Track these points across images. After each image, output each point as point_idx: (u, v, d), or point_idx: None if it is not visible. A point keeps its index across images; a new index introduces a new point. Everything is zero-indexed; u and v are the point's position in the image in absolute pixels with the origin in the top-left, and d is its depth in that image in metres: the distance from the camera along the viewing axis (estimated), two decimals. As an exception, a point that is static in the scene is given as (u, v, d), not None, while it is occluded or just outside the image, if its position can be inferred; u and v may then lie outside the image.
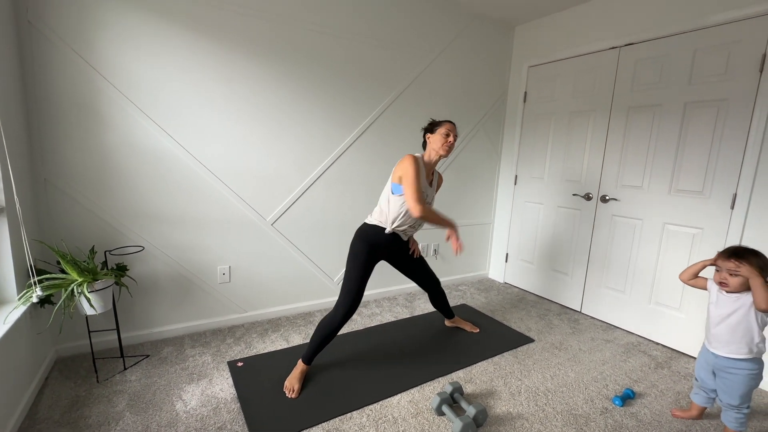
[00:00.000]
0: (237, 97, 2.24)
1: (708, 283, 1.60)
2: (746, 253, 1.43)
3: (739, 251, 1.45)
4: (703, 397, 1.64)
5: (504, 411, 1.71)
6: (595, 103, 2.72)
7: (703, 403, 1.65)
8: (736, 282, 1.43)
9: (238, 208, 2.35)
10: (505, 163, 3.48)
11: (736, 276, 1.42)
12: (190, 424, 1.54)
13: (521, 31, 3.25)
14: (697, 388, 1.67)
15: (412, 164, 1.77)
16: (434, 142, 1.90)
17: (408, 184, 1.75)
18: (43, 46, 1.77)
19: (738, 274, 1.42)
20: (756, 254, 1.43)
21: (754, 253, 1.43)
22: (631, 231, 2.55)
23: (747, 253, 1.43)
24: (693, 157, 2.22)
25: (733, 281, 1.44)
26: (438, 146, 1.89)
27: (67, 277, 1.68)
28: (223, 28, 2.14)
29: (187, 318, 2.30)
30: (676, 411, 1.73)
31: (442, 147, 1.89)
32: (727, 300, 1.49)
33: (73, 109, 1.87)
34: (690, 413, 1.69)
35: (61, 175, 1.89)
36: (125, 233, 2.06)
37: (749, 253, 1.43)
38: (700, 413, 1.69)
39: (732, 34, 2.05)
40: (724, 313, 1.50)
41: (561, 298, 3.04)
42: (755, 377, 1.47)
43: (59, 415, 1.56)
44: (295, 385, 1.79)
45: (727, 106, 2.08)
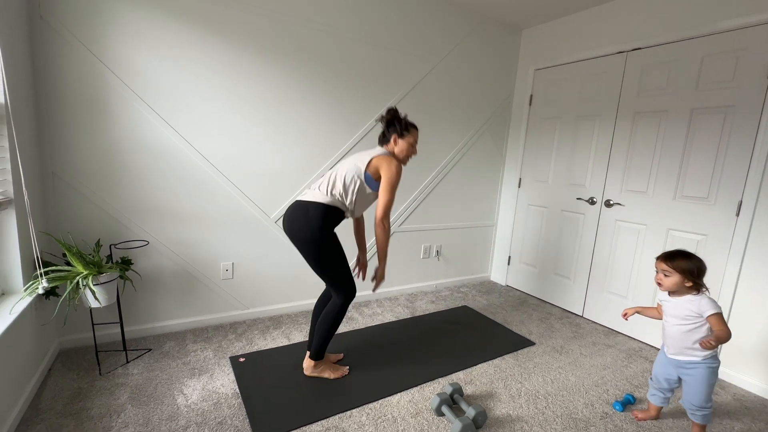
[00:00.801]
0: (242, 95, 2.25)
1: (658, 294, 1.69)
2: (678, 257, 1.53)
3: (672, 254, 1.55)
4: (659, 398, 1.69)
5: (503, 413, 1.71)
6: (601, 107, 2.71)
7: (659, 404, 1.70)
8: (669, 282, 1.53)
9: (242, 205, 2.36)
10: (509, 166, 3.48)
11: (669, 276, 1.53)
12: (191, 418, 1.55)
13: (528, 34, 3.25)
14: (654, 389, 1.71)
15: (397, 173, 1.70)
16: (401, 148, 1.81)
17: (388, 192, 1.68)
18: (54, 41, 1.79)
19: (669, 276, 1.52)
20: (688, 257, 1.52)
21: (686, 255, 1.52)
22: (635, 236, 2.54)
23: (678, 257, 1.52)
24: (699, 163, 2.22)
25: (666, 281, 1.54)
26: (404, 154, 1.83)
27: (73, 270, 1.70)
28: (230, 26, 2.15)
29: (189, 313, 2.32)
30: (637, 413, 1.75)
31: (406, 157, 1.84)
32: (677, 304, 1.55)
33: (82, 104, 1.89)
34: (649, 414, 1.73)
35: (69, 168, 1.91)
36: (130, 227, 2.08)
37: (681, 256, 1.53)
38: (658, 412, 1.73)
39: (740, 41, 2.04)
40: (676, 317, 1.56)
41: (563, 302, 3.03)
42: (714, 371, 1.53)
43: (62, 406, 1.58)
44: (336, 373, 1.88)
45: (734, 112, 2.07)
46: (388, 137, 1.82)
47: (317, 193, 1.72)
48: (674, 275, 1.51)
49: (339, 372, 1.90)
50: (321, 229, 1.68)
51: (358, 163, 1.74)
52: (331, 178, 1.75)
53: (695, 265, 1.50)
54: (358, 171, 1.72)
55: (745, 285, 2.04)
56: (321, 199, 1.70)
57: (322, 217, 1.68)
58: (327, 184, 1.74)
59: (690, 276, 1.49)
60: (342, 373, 1.90)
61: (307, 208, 1.69)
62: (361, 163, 1.73)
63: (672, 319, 1.57)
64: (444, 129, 3.06)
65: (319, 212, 1.68)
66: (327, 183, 1.74)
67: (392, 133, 1.81)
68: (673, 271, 1.51)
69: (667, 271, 1.53)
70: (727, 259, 2.10)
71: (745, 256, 2.03)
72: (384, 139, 1.85)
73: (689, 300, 1.51)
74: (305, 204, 1.71)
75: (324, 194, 1.71)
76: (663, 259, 1.56)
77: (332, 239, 1.74)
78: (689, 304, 1.51)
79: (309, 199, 1.71)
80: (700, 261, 1.51)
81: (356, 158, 1.77)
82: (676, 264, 1.51)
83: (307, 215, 1.68)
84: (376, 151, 1.78)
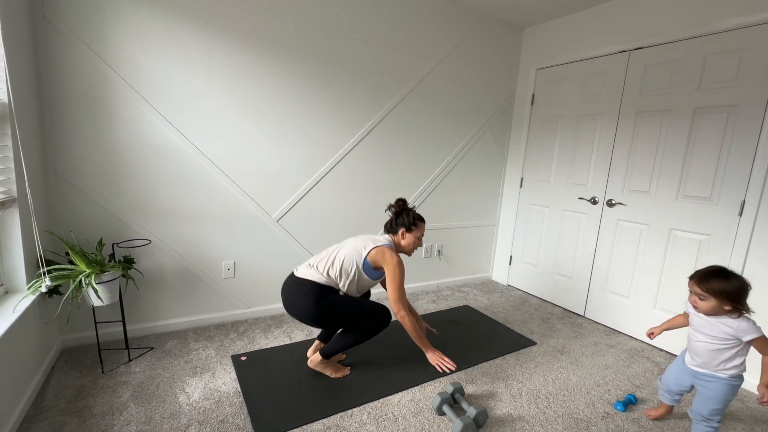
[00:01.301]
0: (244, 94, 2.25)
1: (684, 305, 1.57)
2: (713, 278, 1.35)
3: (706, 274, 1.37)
4: (668, 398, 1.67)
5: (505, 413, 1.71)
6: (603, 106, 2.71)
7: (669, 403, 1.68)
8: (705, 306, 1.38)
9: (244, 204, 2.37)
10: (510, 166, 3.47)
11: (705, 300, 1.37)
12: (193, 417, 1.56)
13: (530, 34, 3.24)
14: (663, 390, 1.70)
15: (399, 267, 1.76)
16: (408, 242, 1.91)
17: (396, 286, 1.76)
18: (57, 41, 1.80)
19: (705, 299, 1.37)
20: (725, 277, 1.33)
21: (723, 275, 1.34)
22: (637, 236, 2.53)
23: (714, 278, 1.35)
24: (701, 163, 2.21)
25: (702, 305, 1.39)
26: (410, 248, 1.92)
27: (76, 268, 1.71)
28: (232, 26, 2.15)
29: (191, 312, 2.33)
30: (650, 411, 1.75)
31: (412, 250, 1.93)
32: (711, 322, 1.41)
33: (85, 103, 1.90)
34: (660, 411, 1.72)
35: (72, 168, 1.92)
36: (133, 226, 2.08)
37: (717, 276, 1.34)
38: (670, 410, 1.72)
39: (743, 40, 2.03)
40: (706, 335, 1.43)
41: (564, 302, 3.02)
42: (734, 389, 1.42)
43: (65, 404, 1.59)
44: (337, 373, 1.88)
45: (737, 112, 2.06)
46: (396, 229, 1.91)
47: (313, 271, 1.78)
48: (710, 299, 1.34)
49: (340, 372, 1.90)
50: (315, 303, 1.72)
51: (360, 249, 1.80)
52: (330, 258, 1.81)
53: (734, 286, 1.31)
54: (359, 257, 1.78)
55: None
56: (316, 278, 1.76)
57: (316, 294, 1.73)
58: (325, 264, 1.80)
59: (729, 300, 1.31)
60: (343, 373, 1.91)
61: (301, 286, 1.76)
62: (363, 250, 1.79)
63: (700, 335, 1.43)
64: (445, 129, 3.06)
65: (313, 291, 1.74)
66: (325, 263, 1.80)
67: (401, 226, 1.89)
68: (708, 295, 1.34)
69: (702, 294, 1.36)
70: (730, 260, 2.09)
71: (748, 257, 2.02)
72: (391, 229, 1.93)
73: (726, 322, 1.35)
74: (300, 281, 1.78)
75: (320, 273, 1.77)
76: (696, 281, 1.38)
77: (332, 302, 1.76)
78: (725, 327, 1.35)
79: (304, 277, 1.78)
80: (740, 281, 1.32)
81: (358, 243, 1.83)
82: (712, 287, 1.33)
83: (300, 292, 1.75)
84: (379, 241, 1.84)
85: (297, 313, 1.78)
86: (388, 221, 1.97)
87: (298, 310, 1.76)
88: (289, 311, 1.80)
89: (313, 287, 1.74)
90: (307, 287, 1.75)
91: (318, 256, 1.87)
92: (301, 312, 1.75)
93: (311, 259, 1.88)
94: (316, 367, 1.88)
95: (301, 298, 1.74)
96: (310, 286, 1.74)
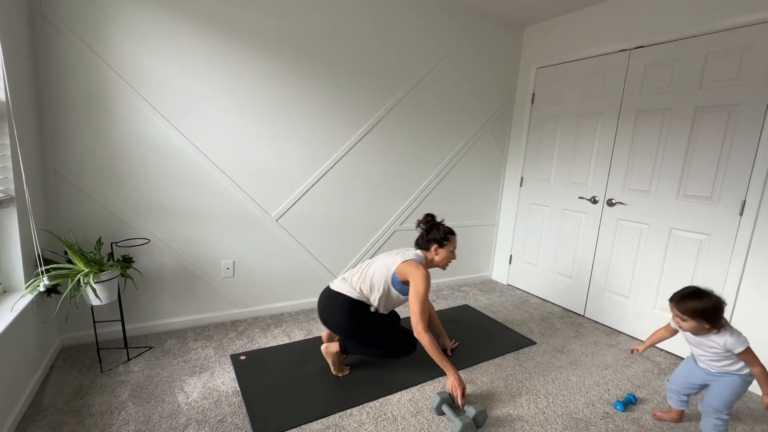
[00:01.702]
0: (243, 93, 2.25)
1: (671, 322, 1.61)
2: (688, 299, 1.42)
3: (682, 297, 1.44)
4: (676, 401, 1.66)
5: (504, 412, 1.70)
6: (603, 106, 2.70)
7: (678, 406, 1.67)
8: (687, 326, 1.45)
9: (243, 204, 2.36)
10: (511, 165, 3.46)
11: (686, 321, 1.44)
12: (192, 416, 1.56)
13: (530, 33, 3.23)
14: (671, 393, 1.68)
15: (424, 280, 1.73)
16: (441, 257, 1.92)
17: (419, 299, 1.71)
18: (56, 39, 1.80)
19: (686, 320, 1.44)
20: (698, 296, 1.40)
21: (696, 295, 1.41)
22: (637, 235, 2.53)
23: (689, 299, 1.42)
24: (702, 162, 2.20)
25: (685, 325, 1.45)
26: (444, 262, 1.94)
27: (74, 268, 1.70)
28: (231, 25, 2.15)
29: (190, 311, 2.32)
30: (657, 412, 1.74)
31: (446, 264, 1.95)
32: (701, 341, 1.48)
33: (84, 102, 1.89)
34: (670, 415, 1.70)
35: (70, 166, 1.91)
36: (132, 225, 2.08)
37: (691, 297, 1.41)
38: (680, 416, 1.69)
39: (744, 39, 2.02)
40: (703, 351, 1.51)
41: (564, 302, 3.02)
42: (747, 382, 1.46)
43: (63, 403, 1.58)
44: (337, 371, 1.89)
45: (738, 111, 2.05)
46: (428, 245, 1.93)
47: (347, 286, 1.85)
48: (690, 320, 1.42)
49: (341, 371, 1.90)
50: (348, 318, 1.79)
51: (390, 264, 1.83)
52: (363, 273, 1.87)
53: (707, 305, 1.39)
54: (387, 272, 1.82)
55: (748, 284, 2.03)
56: (349, 293, 1.82)
57: (350, 309, 1.80)
58: (358, 278, 1.86)
59: (705, 320, 1.39)
60: (343, 372, 1.91)
61: (335, 300, 1.83)
62: (392, 264, 1.82)
63: (698, 350, 1.52)
64: (445, 127, 3.05)
65: (347, 306, 1.80)
66: (358, 277, 1.87)
67: (433, 242, 1.91)
68: (686, 316, 1.42)
69: (681, 316, 1.44)
70: (730, 259, 2.09)
71: (749, 256, 2.02)
72: (424, 245, 1.95)
73: (712, 339, 1.43)
74: (334, 295, 1.85)
75: (352, 288, 1.84)
76: (675, 303, 1.46)
77: (365, 320, 1.82)
78: (712, 344, 1.43)
79: (338, 290, 1.85)
80: (713, 299, 1.39)
81: (388, 258, 1.86)
82: (688, 307, 1.41)
83: (334, 307, 1.82)
84: (408, 255, 1.85)
85: (331, 326, 1.85)
86: (420, 237, 1.99)
87: (332, 323, 1.84)
88: (324, 323, 1.88)
89: (346, 302, 1.81)
90: (339, 301, 1.82)
91: (352, 270, 1.94)
92: (335, 325, 1.83)
93: (346, 273, 1.95)
94: (327, 355, 1.88)
95: (335, 312, 1.81)
96: (343, 301, 1.81)
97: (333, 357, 1.88)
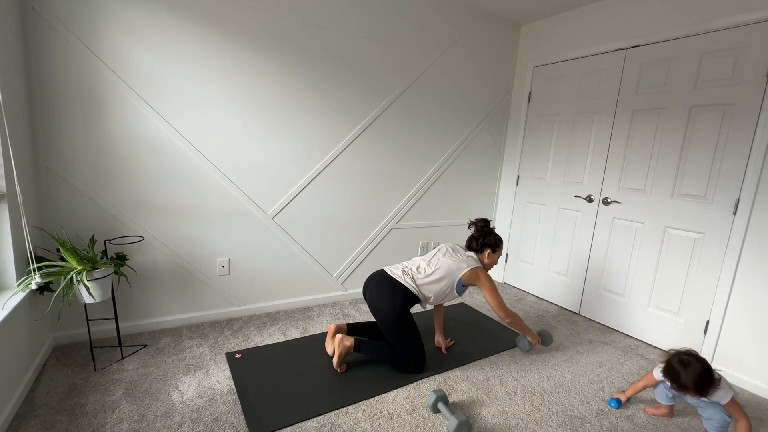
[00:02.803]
0: (239, 90, 2.23)
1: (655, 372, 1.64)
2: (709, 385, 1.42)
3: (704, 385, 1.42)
4: (663, 399, 1.68)
5: (499, 410, 1.71)
6: (599, 104, 2.71)
7: (667, 403, 1.69)
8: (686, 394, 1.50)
9: (239, 201, 2.35)
10: (507, 163, 3.47)
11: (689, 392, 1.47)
12: (186, 414, 1.55)
13: (527, 31, 3.23)
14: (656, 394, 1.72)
15: (493, 285, 1.97)
16: (491, 261, 2.10)
17: (494, 296, 1.95)
18: (47, 34, 1.77)
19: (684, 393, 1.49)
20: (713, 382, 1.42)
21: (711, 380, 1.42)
22: (632, 234, 2.54)
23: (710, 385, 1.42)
24: (696, 161, 2.21)
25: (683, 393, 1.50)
26: (490, 266, 2.10)
27: (67, 265, 1.69)
28: (226, 21, 2.13)
29: (185, 309, 2.31)
30: (649, 408, 1.76)
31: (490, 268, 2.10)
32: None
33: (76, 98, 1.87)
34: (661, 411, 1.73)
35: (63, 163, 1.89)
36: (125, 223, 2.06)
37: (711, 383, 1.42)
38: (670, 410, 1.72)
39: (739, 39, 2.03)
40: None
41: (560, 300, 3.03)
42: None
43: (56, 401, 1.57)
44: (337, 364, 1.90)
45: (732, 110, 2.07)
46: (482, 249, 2.09)
47: (408, 278, 1.93)
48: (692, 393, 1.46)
49: (339, 366, 1.90)
50: (402, 309, 1.87)
51: (455, 270, 1.95)
52: (423, 271, 1.97)
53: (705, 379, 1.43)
54: (453, 277, 1.94)
55: (742, 283, 2.05)
56: (409, 285, 1.91)
57: (404, 300, 1.88)
58: (419, 275, 1.95)
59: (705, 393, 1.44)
60: (341, 368, 1.91)
61: (395, 288, 1.90)
62: (458, 271, 1.95)
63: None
64: (442, 126, 3.04)
65: (404, 296, 1.89)
66: (419, 273, 1.96)
67: (487, 246, 2.08)
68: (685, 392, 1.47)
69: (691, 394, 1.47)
70: (724, 257, 2.10)
71: (742, 254, 2.04)
72: (478, 248, 2.10)
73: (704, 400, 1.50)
74: (393, 281, 1.92)
75: (412, 281, 1.93)
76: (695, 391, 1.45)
77: (410, 317, 1.92)
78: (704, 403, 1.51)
79: (398, 280, 1.92)
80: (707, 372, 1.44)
81: (452, 264, 1.96)
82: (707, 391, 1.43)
83: (394, 294, 1.88)
84: (470, 261, 1.98)
85: (378, 307, 1.90)
86: (473, 239, 2.12)
87: (380, 305, 1.89)
88: (369, 301, 1.95)
89: (404, 292, 1.89)
90: (397, 288, 1.89)
91: (409, 264, 2.03)
92: (383, 308, 1.88)
93: (403, 264, 2.04)
94: (339, 346, 1.88)
95: (389, 296, 1.88)
96: (402, 290, 1.89)
97: (345, 350, 1.88)
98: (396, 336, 1.89)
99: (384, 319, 1.88)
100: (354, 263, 2.86)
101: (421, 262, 2.02)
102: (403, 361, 1.91)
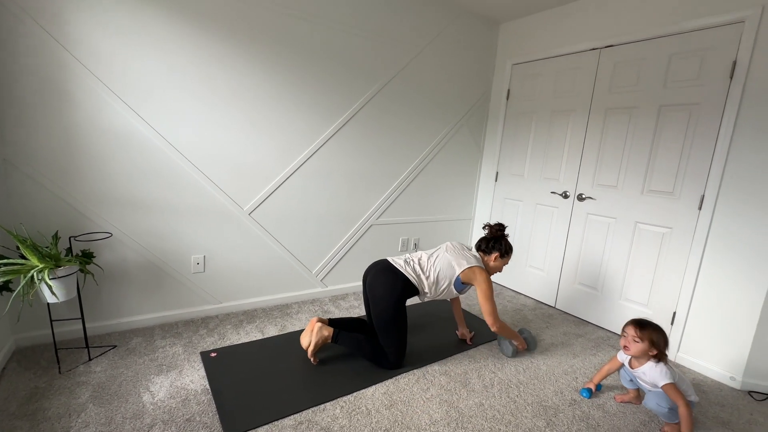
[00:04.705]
0: (214, 82, 2.16)
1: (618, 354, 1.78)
2: (648, 326, 1.62)
3: (644, 323, 1.64)
4: (627, 383, 1.79)
5: (476, 402, 1.73)
6: (575, 102, 2.77)
7: (629, 386, 1.79)
8: (636, 348, 1.61)
9: (214, 196, 2.28)
10: (486, 160, 3.51)
11: (638, 343, 1.60)
12: (157, 416, 1.50)
13: (506, 29, 3.27)
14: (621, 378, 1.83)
15: (490, 288, 1.94)
16: (498, 265, 2.09)
17: (488, 300, 1.92)
18: (4, 17, 1.66)
19: (639, 342, 1.61)
20: (656, 329, 1.61)
21: (655, 328, 1.61)
22: (605, 229, 2.62)
23: (649, 327, 1.61)
24: (665, 159, 2.30)
25: (634, 347, 1.62)
26: (495, 271, 2.11)
27: (27, 263, 1.60)
28: (201, 10, 2.05)
29: (157, 308, 2.23)
30: (618, 396, 1.85)
31: (495, 272, 2.11)
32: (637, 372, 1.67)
33: (37, 87, 1.76)
34: (629, 396, 1.82)
35: (23, 155, 1.79)
36: (92, 218, 1.97)
37: (652, 327, 1.62)
38: (637, 394, 1.81)
39: (705, 41, 2.11)
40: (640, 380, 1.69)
41: (536, 294, 3.10)
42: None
43: (16, 407, 1.49)
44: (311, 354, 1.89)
45: (698, 110, 2.15)
46: (490, 251, 2.08)
47: (410, 269, 1.95)
48: (643, 343, 1.59)
49: (312, 357, 1.90)
50: (399, 298, 1.88)
51: (454, 266, 1.96)
52: (425, 264, 1.98)
53: (663, 338, 1.59)
54: (452, 273, 1.95)
55: (706, 274, 2.14)
56: (410, 276, 1.92)
57: (403, 290, 1.89)
58: (421, 268, 1.96)
59: (656, 347, 1.58)
60: (315, 359, 1.91)
61: (396, 277, 1.91)
62: (457, 267, 1.95)
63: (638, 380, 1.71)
64: (422, 122, 3.05)
65: (403, 285, 1.90)
66: (420, 266, 1.97)
67: (497, 250, 2.07)
68: (642, 339, 1.59)
69: (637, 337, 1.60)
70: (690, 251, 2.19)
71: (706, 248, 2.13)
72: (486, 249, 2.09)
73: (645, 372, 1.61)
74: (395, 271, 1.93)
75: (414, 273, 1.94)
76: (635, 325, 1.64)
77: (404, 309, 1.92)
78: (645, 377, 1.62)
79: (400, 269, 1.93)
80: (666, 335, 1.61)
81: (452, 259, 1.98)
82: (647, 333, 1.59)
83: (394, 283, 1.89)
84: (471, 260, 1.98)
85: (375, 294, 1.90)
86: (485, 240, 2.12)
87: (378, 292, 1.90)
88: (368, 288, 1.96)
89: (405, 282, 1.90)
90: (398, 277, 1.91)
91: (412, 255, 2.04)
92: (379, 296, 1.89)
93: (406, 255, 2.05)
94: (316, 335, 1.87)
95: (389, 284, 1.89)
96: (403, 279, 1.91)
97: (322, 339, 1.88)
98: (386, 325, 1.88)
99: (378, 305, 1.88)
100: (334, 259, 2.84)
101: (423, 255, 2.04)
102: (382, 355, 1.91)
